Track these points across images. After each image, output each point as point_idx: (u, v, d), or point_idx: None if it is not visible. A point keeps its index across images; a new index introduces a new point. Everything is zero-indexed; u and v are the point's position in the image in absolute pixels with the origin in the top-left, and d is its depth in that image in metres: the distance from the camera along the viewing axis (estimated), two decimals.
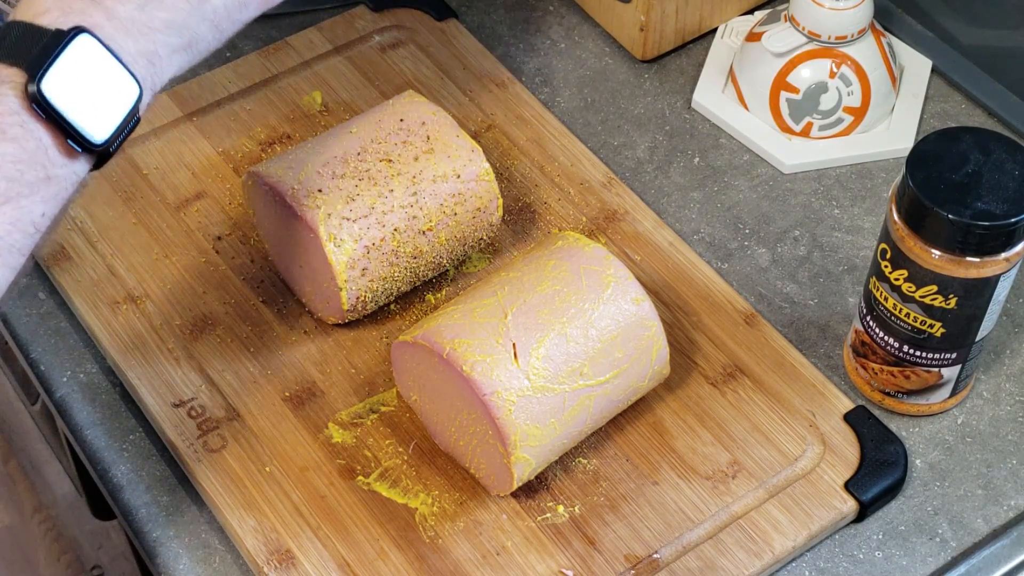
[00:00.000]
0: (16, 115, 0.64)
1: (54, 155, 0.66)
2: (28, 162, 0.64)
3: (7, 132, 0.64)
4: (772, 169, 1.02)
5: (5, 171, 0.63)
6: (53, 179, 0.66)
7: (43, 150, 0.65)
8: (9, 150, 0.64)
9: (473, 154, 0.88)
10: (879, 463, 0.84)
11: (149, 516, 0.84)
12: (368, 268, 0.85)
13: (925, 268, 0.78)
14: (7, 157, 0.64)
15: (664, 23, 1.06)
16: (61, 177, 0.66)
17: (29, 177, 0.64)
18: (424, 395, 0.83)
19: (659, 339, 0.82)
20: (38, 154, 0.65)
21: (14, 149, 0.64)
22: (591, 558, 0.80)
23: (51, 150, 0.65)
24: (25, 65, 0.64)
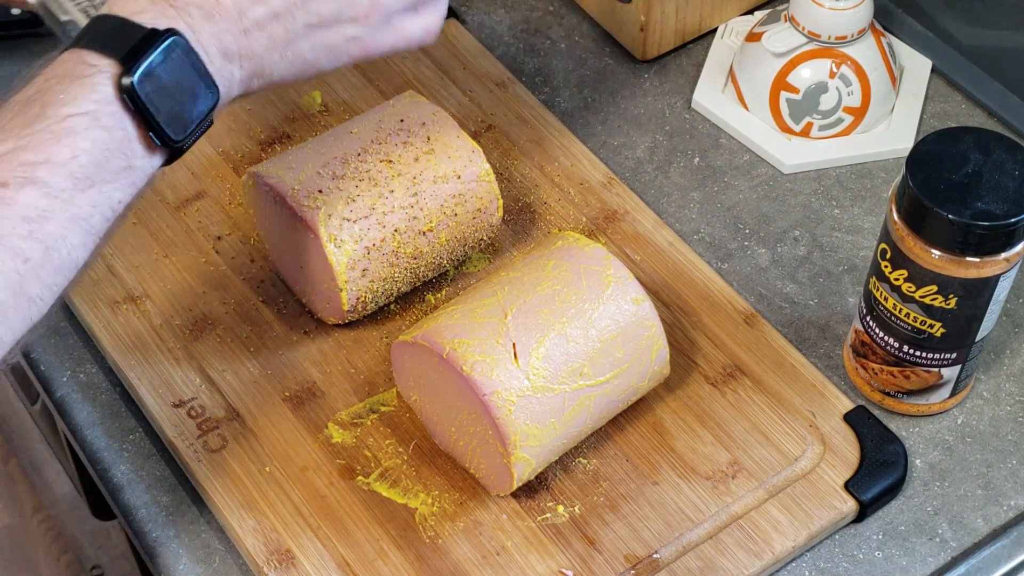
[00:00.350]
0: (109, 104, 0.67)
1: (136, 147, 0.68)
2: (115, 150, 0.67)
3: (100, 119, 0.66)
4: (772, 169, 1.02)
5: (95, 156, 0.66)
6: (133, 169, 0.68)
7: (128, 140, 0.68)
8: (100, 137, 0.66)
9: (474, 155, 0.88)
10: (879, 463, 0.84)
11: (149, 516, 0.84)
12: (368, 269, 0.85)
13: (925, 268, 0.78)
14: (98, 143, 0.66)
15: (664, 23, 1.06)
16: (139, 168, 0.69)
17: (113, 165, 0.67)
18: (424, 395, 0.83)
19: (659, 339, 0.82)
20: (124, 144, 0.67)
21: (105, 136, 0.66)
22: (591, 558, 0.80)
23: (135, 142, 0.68)
24: (120, 57, 0.67)
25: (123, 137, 0.67)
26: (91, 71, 0.67)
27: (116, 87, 0.67)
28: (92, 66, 0.67)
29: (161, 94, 0.68)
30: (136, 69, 0.67)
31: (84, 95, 0.67)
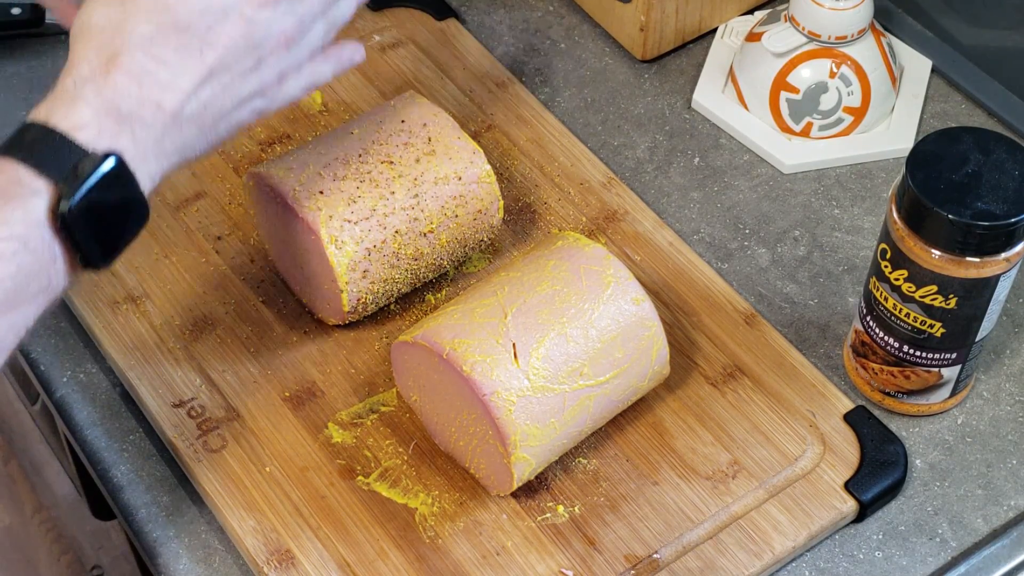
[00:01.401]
0: (40, 228, 0.66)
1: (61, 268, 0.67)
2: (38, 273, 0.66)
3: (29, 243, 0.65)
4: (772, 169, 1.02)
5: (18, 281, 0.65)
6: (53, 288, 0.68)
7: (54, 263, 0.67)
8: (27, 261, 0.65)
9: (474, 156, 0.88)
10: (879, 463, 0.84)
11: (149, 516, 0.84)
12: (369, 270, 0.85)
13: (925, 268, 0.78)
14: (23, 268, 0.65)
15: (664, 23, 1.06)
16: (58, 287, 0.68)
17: (35, 287, 0.66)
18: (424, 395, 0.83)
19: (659, 339, 0.82)
20: (49, 266, 0.67)
21: (31, 261, 0.66)
22: (591, 558, 0.80)
23: (60, 263, 0.67)
24: (58, 179, 0.66)
25: (49, 260, 0.66)
26: (25, 193, 0.66)
27: (51, 212, 0.66)
28: (27, 187, 0.66)
29: (95, 220, 0.67)
30: (73, 195, 0.66)
31: (16, 218, 0.65)
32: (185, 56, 0.71)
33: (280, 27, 0.74)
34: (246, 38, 0.72)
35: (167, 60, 0.70)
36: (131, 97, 0.69)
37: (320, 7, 0.76)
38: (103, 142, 0.68)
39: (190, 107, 0.71)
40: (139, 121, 0.69)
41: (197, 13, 0.71)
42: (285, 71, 0.76)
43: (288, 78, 0.76)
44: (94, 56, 0.70)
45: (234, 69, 0.72)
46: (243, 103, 0.74)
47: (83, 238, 0.67)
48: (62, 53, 1.10)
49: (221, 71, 0.72)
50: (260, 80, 0.74)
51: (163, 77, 0.70)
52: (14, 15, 1.08)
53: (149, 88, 0.69)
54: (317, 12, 0.76)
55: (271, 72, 0.75)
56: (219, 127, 0.74)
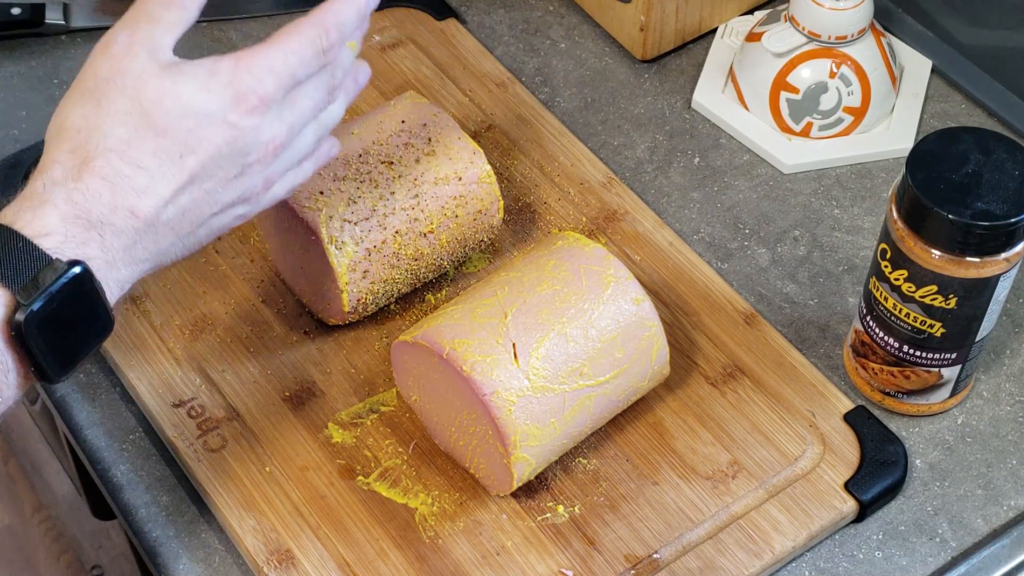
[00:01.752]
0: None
1: (12, 380, 0.65)
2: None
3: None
4: (772, 169, 1.02)
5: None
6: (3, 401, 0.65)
7: (5, 375, 0.64)
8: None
9: (475, 156, 0.88)
10: (879, 463, 0.84)
11: (149, 516, 0.84)
12: (369, 270, 0.85)
13: (925, 268, 0.78)
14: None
15: (664, 23, 1.06)
16: (9, 399, 0.65)
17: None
18: (424, 395, 0.83)
19: (659, 339, 0.82)
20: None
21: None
22: (591, 558, 0.80)
23: (12, 375, 0.65)
24: (16, 288, 0.63)
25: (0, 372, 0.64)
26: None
27: (5, 322, 0.63)
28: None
29: (53, 332, 0.64)
30: (30, 306, 0.63)
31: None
32: (163, 161, 0.68)
33: (268, 135, 0.71)
34: (230, 145, 0.69)
35: (144, 164, 0.67)
36: (103, 203, 0.66)
37: (311, 112, 0.73)
38: (69, 250, 0.65)
39: (167, 214, 0.68)
40: (110, 228, 0.66)
41: (176, 116, 0.68)
42: (271, 177, 0.73)
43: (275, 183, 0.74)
44: (67, 158, 0.67)
45: (216, 176, 0.70)
46: (224, 209, 0.72)
47: (39, 350, 0.64)
48: (62, 53, 1.10)
49: (202, 177, 0.69)
50: (244, 187, 0.72)
51: (139, 182, 0.67)
52: (14, 15, 1.08)
53: (123, 194, 0.67)
54: (308, 118, 0.73)
55: (256, 179, 0.72)
56: (198, 233, 0.71)
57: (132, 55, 0.69)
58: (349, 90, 0.76)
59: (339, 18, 0.72)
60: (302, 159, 0.75)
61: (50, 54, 1.10)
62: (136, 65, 0.69)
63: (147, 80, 0.68)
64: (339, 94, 0.75)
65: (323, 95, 0.73)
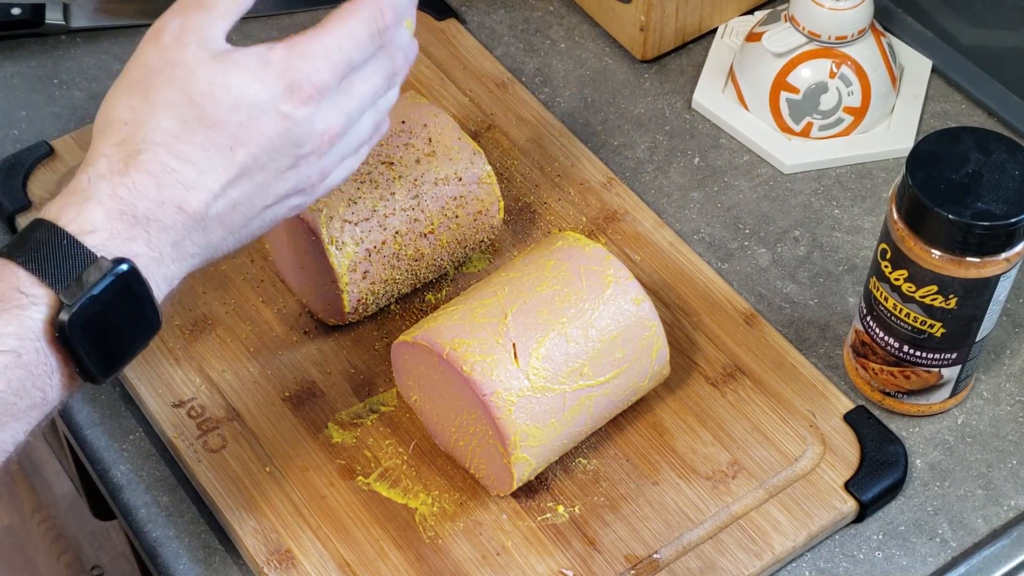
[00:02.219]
0: (35, 340, 0.61)
1: (57, 382, 0.63)
2: (31, 388, 0.61)
3: (23, 356, 0.60)
4: (772, 169, 1.02)
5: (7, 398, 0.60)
6: (48, 403, 0.63)
7: (49, 376, 0.62)
8: (19, 376, 0.61)
9: (475, 157, 0.88)
10: (879, 463, 0.84)
11: (149, 516, 0.84)
12: (369, 271, 0.85)
13: (925, 268, 0.78)
14: (14, 383, 0.60)
15: (664, 23, 1.06)
16: (54, 401, 0.63)
17: (26, 403, 0.61)
18: (424, 395, 0.83)
19: (659, 339, 0.82)
20: (42, 380, 0.62)
21: (22, 376, 0.61)
22: (591, 558, 0.80)
23: (56, 377, 0.62)
24: (60, 288, 0.61)
25: (44, 373, 0.61)
26: (23, 301, 0.61)
27: (49, 323, 0.61)
28: (26, 295, 0.61)
29: (98, 333, 0.62)
30: (75, 305, 0.61)
31: (10, 331, 0.60)
32: (212, 154, 0.65)
33: (323, 125, 0.68)
34: (283, 136, 0.67)
35: (192, 159, 0.65)
36: (149, 199, 0.64)
37: (369, 99, 0.70)
38: (114, 248, 0.63)
39: (216, 208, 0.66)
40: (157, 224, 0.64)
41: (226, 109, 0.65)
42: (327, 167, 0.70)
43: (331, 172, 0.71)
44: (113, 152, 0.65)
45: (269, 168, 0.67)
46: (278, 201, 0.69)
47: (83, 351, 0.62)
48: (62, 53, 1.10)
49: (254, 170, 0.67)
50: (298, 178, 0.69)
51: (187, 177, 0.65)
52: (14, 15, 1.08)
53: (171, 189, 0.64)
54: (366, 105, 0.70)
55: (311, 170, 0.69)
56: (251, 226, 0.69)
57: (182, 44, 0.66)
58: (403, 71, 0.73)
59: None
60: (359, 146, 0.72)
61: (50, 54, 1.10)
62: (186, 55, 0.66)
63: (197, 71, 0.66)
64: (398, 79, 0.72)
65: (382, 80, 0.71)
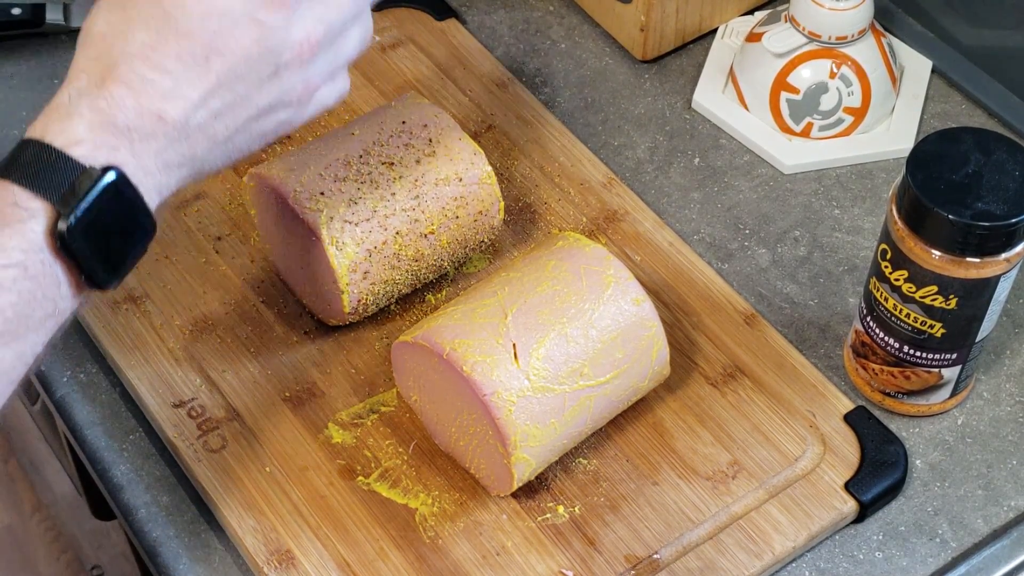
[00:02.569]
0: (39, 252, 0.63)
1: (66, 291, 0.65)
2: (42, 299, 0.63)
3: (29, 269, 0.62)
4: (772, 169, 1.02)
5: (20, 309, 0.62)
6: (59, 313, 0.65)
7: (57, 286, 0.64)
8: (28, 287, 0.63)
9: (475, 157, 0.88)
10: (879, 463, 0.84)
11: (149, 516, 0.84)
12: (370, 271, 0.85)
13: (925, 268, 0.78)
14: (24, 294, 0.62)
15: (664, 23, 1.06)
16: (65, 310, 0.65)
17: (39, 313, 0.64)
18: (424, 395, 0.83)
19: (659, 339, 0.82)
20: (52, 290, 0.64)
21: (32, 287, 0.63)
22: (591, 558, 0.80)
23: (64, 287, 0.64)
24: (56, 200, 0.63)
25: (52, 284, 0.63)
26: (22, 215, 0.63)
27: (49, 234, 0.63)
28: (24, 209, 0.63)
29: (97, 238, 0.64)
30: (71, 214, 0.62)
31: (13, 244, 0.62)
32: (188, 64, 0.66)
33: (302, 33, 0.69)
34: (259, 44, 0.68)
35: (168, 68, 0.66)
36: (128, 109, 0.65)
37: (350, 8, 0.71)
38: (100, 157, 0.64)
39: (196, 117, 0.67)
40: (138, 133, 0.65)
41: (198, 17, 0.66)
42: (312, 79, 0.71)
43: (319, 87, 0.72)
44: (91, 66, 0.66)
45: (248, 78, 0.68)
46: (263, 114, 0.70)
47: (86, 258, 0.64)
48: (62, 53, 1.10)
49: (232, 80, 0.68)
50: (281, 89, 0.70)
51: (164, 86, 0.66)
52: (14, 15, 1.08)
53: (149, 98, 0.66)
54: (347, 15, 0.71)
55: (294, 81, 0.70)
56: (236, 140, 0.70)
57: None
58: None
59: None
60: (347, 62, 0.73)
61: (50, 54, 1.10)
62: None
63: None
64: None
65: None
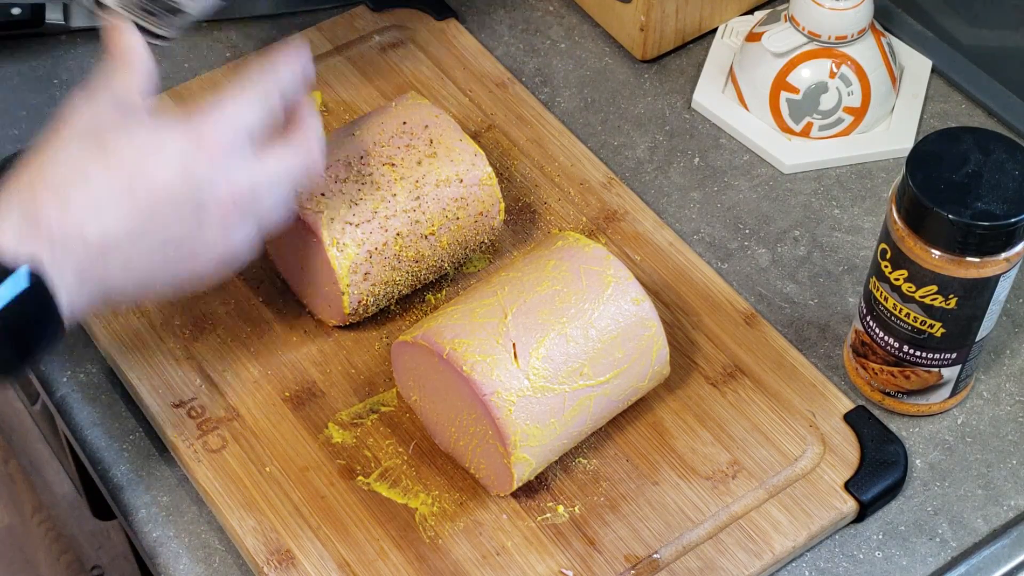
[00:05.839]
0: None
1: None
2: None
3: None
4: (772, 169, 1.02)
5: None
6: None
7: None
8: None
9: (476, 158, 0.88)
10: (879, 463, 0.84)
11: (149, 516, 0.84)
12: (370, 272, 0.85)
13: (925, 268, 0.78)
14: None
15: (664, 23, 1.06)
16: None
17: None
18: (424, 395, 0.83)
19: (659, 339, 0.82)
20: None
21: None
22: (591, 558, 0.80)
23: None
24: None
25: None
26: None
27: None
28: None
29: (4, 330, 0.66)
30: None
31: None
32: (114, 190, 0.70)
33: (228, 185, 0.73)
34: (184, 184, 0.71)
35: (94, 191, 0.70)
36: (53, 221, 0.68)
37: (279, 175, 0.75)
38: (22, 253, 0.67)
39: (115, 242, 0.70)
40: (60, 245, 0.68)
41: (131, 149, 0.71)
42: (231, 230, 0.74)
43: (239, 238, 0.75)
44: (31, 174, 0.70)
45: (169, 215, 0.71)
46: (180, 251, 0.73)
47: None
48: (62, 53, 1.10)
49: (153, 212, 0.71)
50: (201, 232, 0.73)
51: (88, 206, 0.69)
52: (14, 15, 1.08)
53: (72, 216, 0.69)
54: (274, 179, 0.75)
55: (213, 228, 0.73)
56: (154, 273, 0.73)
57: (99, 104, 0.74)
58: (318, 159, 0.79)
59: (273, 66, 0.77)
60: (266, 217, 0.76)
61: (50, 54, 1.10)
62: (98, 107, 0.73)
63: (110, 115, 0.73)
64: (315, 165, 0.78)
65: (296, 162, 0.76)
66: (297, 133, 0.78)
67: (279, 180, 0.76)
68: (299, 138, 0.77)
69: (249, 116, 0.75)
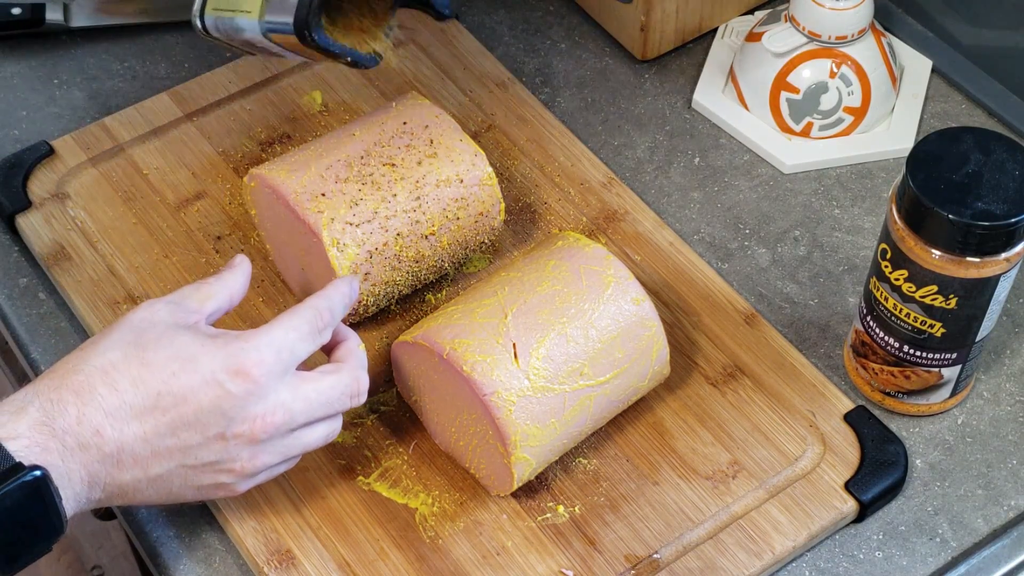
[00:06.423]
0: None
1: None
2: None
3: None
4: (772, 169, 1.02)
5: None
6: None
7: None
8: None
9: (476, 158, 0.88)
10: (879, 463, 0.84)
11: (149, 516, 0.84)
12: (371, 272, 0.85)
13: (925, 268, 0.78)
14: None
15: (664, 23, 1.06)
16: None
17: None
18: (424, 395, 0.83)
19: (659, 339, 0.82)
20: None
21: None
22: (591, 558, 0.80)
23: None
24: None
25: None
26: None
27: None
28: None
29: (2, 527, 0.66)
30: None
31: None
32: (140, 391, 0.70)
33: (259, 410, 0.73)
34: (214, 403, 0.71)
35: (120, 388, 0.70)
36: (70, 416, 0.69)
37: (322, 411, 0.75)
38: (33, 455, 0.67)
39: (132, 445, 0.70)
40: (73, 439, 0.68)
41: (165, 356, 0.71)
42: (259, 456, 0.74)
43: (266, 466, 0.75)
44: (59, 368, 0.71)
45: (193, 429, 0.71)
46: (200, 469, 0.73)
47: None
48: (62, 53, 1.10)
49: (177, 424, 0.71)
50: (225, 453, 0.73)
51: (109, 403, 0.69)
52: (14, 15, 1.08)
53: (92, 410, 0.69)
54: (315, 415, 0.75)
55: (239, 451, 0.73)
56: (169, 483, 0.73)
57: (155, 309, 0.75)
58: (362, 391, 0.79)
59: (330, 302, 0.77)
60: (301, 451, 0.77)
61: (50, 54, 1.10)
62: (155, 311, 0.74)
63: (156, 322, 0.73)
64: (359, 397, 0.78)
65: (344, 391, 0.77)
66: (344, 363, 0.78)
67: (323, 413, 0.76)
68: (346, 367, 0.77)
69: (300, 348, 0.75)
